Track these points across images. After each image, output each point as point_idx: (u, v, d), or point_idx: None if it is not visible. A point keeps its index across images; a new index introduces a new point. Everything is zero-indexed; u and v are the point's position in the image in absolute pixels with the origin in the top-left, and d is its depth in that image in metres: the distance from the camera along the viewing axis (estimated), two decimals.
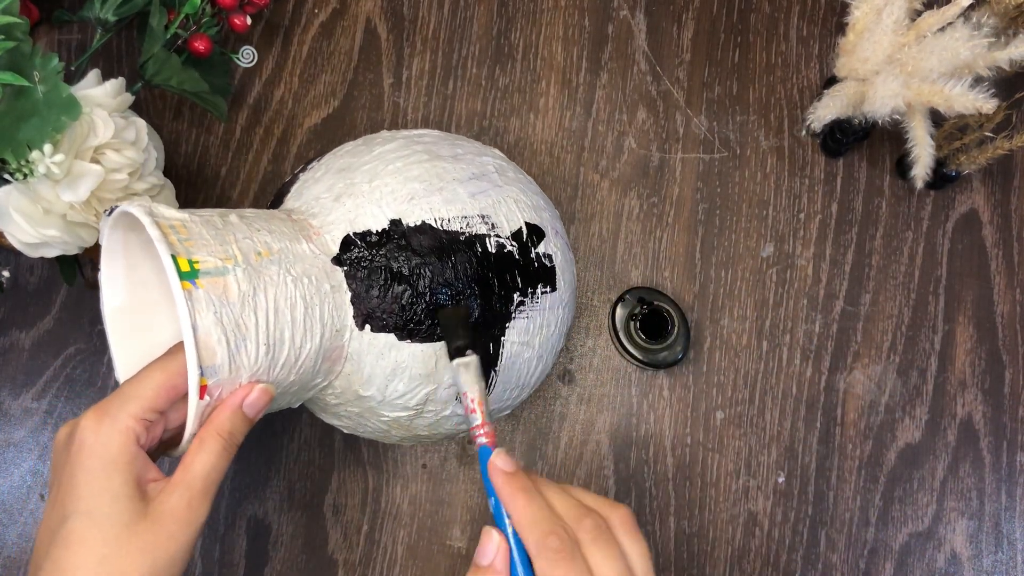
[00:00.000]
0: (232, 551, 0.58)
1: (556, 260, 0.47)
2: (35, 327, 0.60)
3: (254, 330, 0.37)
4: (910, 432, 0.60)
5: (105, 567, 0.34)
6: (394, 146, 0.46)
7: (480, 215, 0.44)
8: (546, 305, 0.46)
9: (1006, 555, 0.58)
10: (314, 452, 0.59)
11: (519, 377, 0.46)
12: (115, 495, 0.35)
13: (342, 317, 0.41)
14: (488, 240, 0.44)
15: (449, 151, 0.46)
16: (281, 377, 0.39)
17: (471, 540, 0.58)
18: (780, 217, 0.62)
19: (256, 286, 0.37)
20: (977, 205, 0.63)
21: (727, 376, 0.60)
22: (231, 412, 0.37)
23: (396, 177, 0.44)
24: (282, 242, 0.40)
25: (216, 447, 0.36)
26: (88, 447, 0.35)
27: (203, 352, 0.35)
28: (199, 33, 0.56)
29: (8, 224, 0.49)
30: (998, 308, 0.61)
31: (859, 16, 0.54)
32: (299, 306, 0.39)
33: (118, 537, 0.34)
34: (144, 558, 0.34)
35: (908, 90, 0.53)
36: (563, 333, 0.49)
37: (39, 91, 0.45)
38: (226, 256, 0.37)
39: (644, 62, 0.65)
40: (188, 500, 0.36)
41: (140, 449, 0.36)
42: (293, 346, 0.38)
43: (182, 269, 0.35)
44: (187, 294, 0.34)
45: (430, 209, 0.43)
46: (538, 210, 0.48)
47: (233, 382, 0.36)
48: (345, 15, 0.65)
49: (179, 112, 0.64)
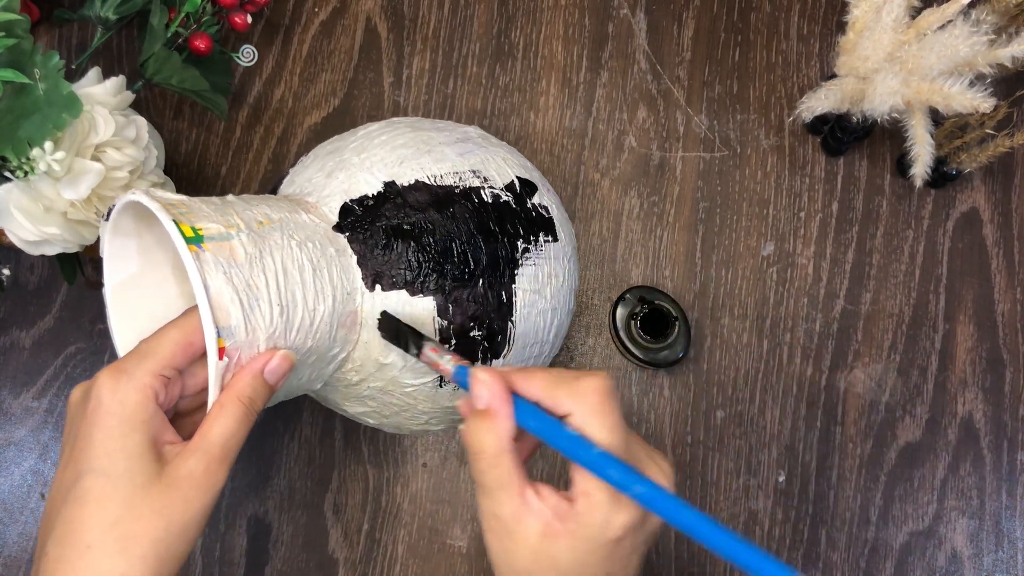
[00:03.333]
0: (232, 550, 0.58)
1: (553, 212, 0.48)
2: (35, 326, 0.60)
3: (265, 291, 0.37)
4: (911, 431, 0.60)
5: (119, 528, 0.33)
6: (378, 126, 0.48)
7: (471, 170, 0.45)
8: (551, 254, 0.47)
9: (1007, 554, 0.58)
10: (315, 451, 0.59)
11: (536, 331, 0.46)
12: (131, 454, 0.34)
13: (351, 280, 0.41)
14: (483, 191, 0.44)
15: (431, 125, 0.48)
16: (299, 342, 0.38)
17: (472, 539, 0.58)
18: (780, 216, 0.62)
19: (262, 249, 0.37)
20: (978, 204, 0.63)
21: (727, 375, 0.60)
22: (252, 377, 0.36)
23: (384, 148, 0.45)
24: (281, 213, 0.41)
25: (236, 412, 0.36)
26: (105, 404, 0.35)
27: (217, 312, 0.34)
28: (200, 32, 0.56)
29: (9, 222, 0.49)
30: (999, 307, 0.61)
31: (858, 15, 0.54)
32: (307, 268, 0.39)
33: (132, 497, 0.34)
34: (159, 521, 0.34)
35: (908, 88, 0.53)
36: (572, 289, 0.50)
37: (40, 89, 0.45)
38: (229, 224, 0.37)
39: (644, 61, 0.65)
40: (206, 464, 0.35)
41: (158, 408, 0.36)
42: (306, 308, 0.38)
43: (186, 235, 0.35)
44: (194, 255, 0.34)
45: (421, 168, 0.44)
46: (527, 169, 0.49)
47: (251, 346, 0.36)
48: (345, 14, 0.65)
49: (179, 111, 0.64)
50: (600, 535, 0.33)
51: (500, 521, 0.34)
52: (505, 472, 0.34)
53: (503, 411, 0.34)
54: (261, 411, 0.37)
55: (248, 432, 0.36)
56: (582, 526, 0.33)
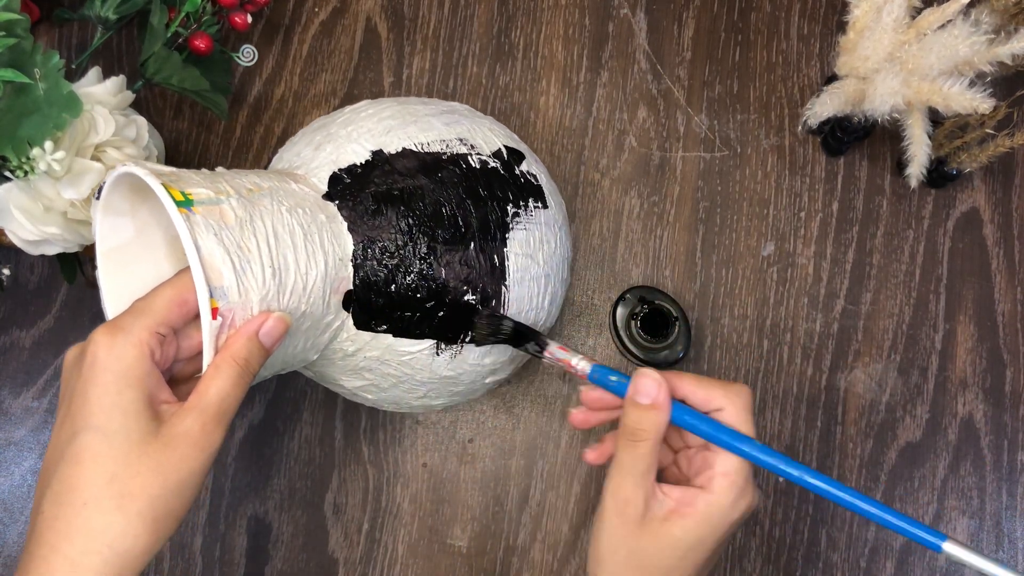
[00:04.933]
0: (233, 550, 0.58)
1: (541, 180, 0.49)
2: (36, 326, 0.60)
3: (257, 252, 0.37)
4: (911, 431, 0.60)
5: (115, 486, 0.33)
6: (363, 103, 0.49)
7: (458, 138, 0.46)
8: (541, 220, 0.47)
9: (1007, 554, 0.58)
10: (315, 451, 0.59)
11: (531, 297, 0.47)
12: (127, 410, 0.34)
13: (343, 246, 0.42)
14: (470, 158, 0.45)
15: (417, 101, 0.49)
16: (292, 305, 0.39)
17: (472, 539, 0.58)
18: (781, 216, 0.62)
19: (252, 214, 0.38)
20: (978, 203, 0.63)
21: (728, 375, 0.60)
22: (246, 339, 0.36)
23: (370, 120, 0.46)
24: (271, 182, 0.41)
25: (232, 373, 0.36)
26: (101, 361, 0.35)
27: (209, 272, 0.35)
28: (200, 31, 0.56)
29: (9, 221, 0.49)
30: (999, 307, 0.61)
31: (859, 15, 0.54)
32: (298, 232, 0.39)
33: (128, 454, 0.34)
34: (156, 478, 0.34)
35: (908, 88, 0.53)
36: (565, 259, 0.50)
37: (40, 88, 0.45)
38: (218, 191, 0.38)
39: (645, 61, 0.65)
40: (203, 423, 0.35)
41: (154, 366, 0.36)
42: (299, 272, 0.39)
43: (176, 199, 0.35)
44: (185, 218, 0.35)
45: (408, 137, 0.45)
46: (515, 140, 0.49)
47: (244, 308, 0.36)
48: (345, 14, 0.65)
49: (180, 110, 0.64)
50: (726, 515, 0.37)
51: (631, 504, 0.38)
52: (653, 460, 0.38)
53: (665, 405, 0.38)
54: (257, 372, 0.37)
55: (244, 393, 0.37)
56: (711, 506, 0.37)
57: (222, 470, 0.59)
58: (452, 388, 0.48)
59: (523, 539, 0.58)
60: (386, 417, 0.59)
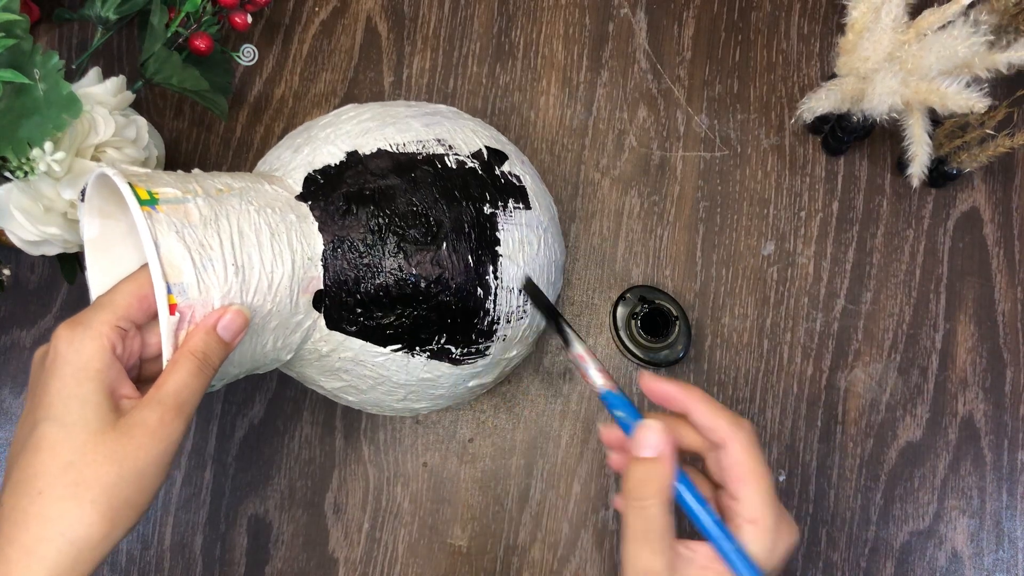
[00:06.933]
0: (233, 549, 0.58)
1: (525, 181, 0.48)
2: (36, 326, 0.60)
3: (219, 249, 0.37)
4: (911, 430, 0.60)
5: (71, 473, 0.34)
6: (349, 107, 0.49)
7: (436, 139, 0.46)
8: (522, 221, 0.46)
9: (1007, 553, 0.58)
10: (315, 450, 0.59)
11: (510, 298, 0.46)
12: (85, 401, 0.35)
13: (312, 245, 0.42)
14: (447, 158, 0.45)
15: (403, 104, 0.49)
16: (257, 303, 0.39)
17: (472, 538, 0.58)
18: (781, 215, 0.62)
19: (218, 212, 0.38)
20: (978, 203, 0.63)
21: (728, 374, 0.60)
22: (204, 332, 0.37)
23: (351, 122, 0.46)
24: (244, 183, 0.41)
25: (189, 366, 0.36)
26: (62, 355, 0.35)
27: (168, 269, 0.35)
28: (200, 31, 0.56)
29: (9, 222, 0.49)
30: (999, 306, 0.61)
31: (857, 16, 0.53)
32: (264, 231, 0.40)
33: (85, 444, 0.34)
34: (111, 467, 0.34)
35: (906, 88, 0.53)
36: (553, 262, 0.50)
37: (40, 89, 0.45)
38: (186, 190, 0.38)
39: (645, 60, 0.65)
40: (160, 415, 0.35)
41: (115, 360, 0.36)
42: (264, 270, 0.39)
43: (141, 197, 0.36)
44: (147, 215, 0.35)
45: (384, 138, 0.45)
46: (500, 142, 0.49)
47: (205, 305, 0.37)
48: (346, 13, 0.65)
49: (180, 110, 0.64)
50: (766, 562, 0.34)
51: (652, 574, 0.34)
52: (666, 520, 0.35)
53: (670, 456, 0.36)
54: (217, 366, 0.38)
55: (204, 386, 0.37)
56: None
57: (222, 470, 0.59)
58: (432, 391, 0.47)
59: (523, 538, 0.58)
60: (386, 417, 0.59)
